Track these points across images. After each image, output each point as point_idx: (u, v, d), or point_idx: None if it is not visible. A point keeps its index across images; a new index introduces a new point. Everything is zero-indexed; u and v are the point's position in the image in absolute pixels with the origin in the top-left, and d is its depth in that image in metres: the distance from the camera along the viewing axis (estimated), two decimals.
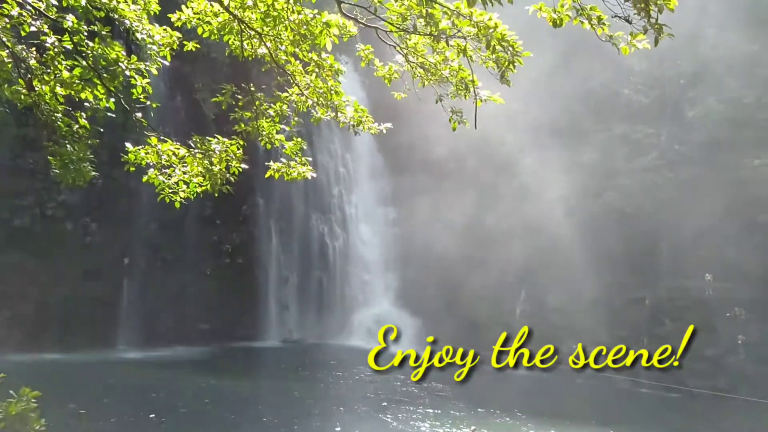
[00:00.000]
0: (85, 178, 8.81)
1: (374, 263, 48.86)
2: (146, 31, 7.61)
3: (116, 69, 7.14)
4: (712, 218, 34.27)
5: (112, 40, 7.61)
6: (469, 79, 7.01)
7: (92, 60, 7.20)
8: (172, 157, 7.37)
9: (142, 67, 7.47)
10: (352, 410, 24.89)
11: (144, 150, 7.46)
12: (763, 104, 35.51)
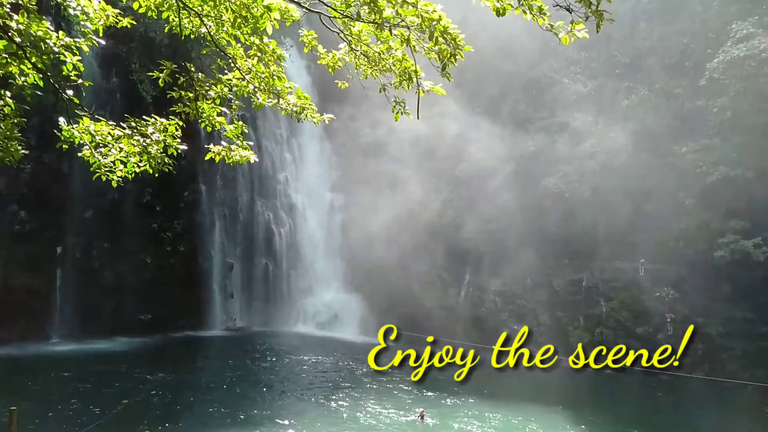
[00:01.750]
0: (15, 157, 8.34)
1: (321, 250, 48.70)
2: (80, 8, 7.20)
3: (43, 45, 6.73)
4: (644, 203, 36.07)
5: (39, 15, 7.17)
6: (412, 69, 7.06)
7: (17, 35, 6.76)
8: (107, 137, 7.04)
9: (72, 44, 7.05)
10: (299, 397, 24.86)
11: (78, 129, 7.07)
12: (691, 95, 37.45)
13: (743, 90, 33.26)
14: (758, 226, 32.60)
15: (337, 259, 48.26)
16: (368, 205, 44.40)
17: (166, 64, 7.35)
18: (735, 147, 33.62)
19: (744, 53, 32.73)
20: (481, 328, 40.52)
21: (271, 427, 20.05)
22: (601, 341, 36.93)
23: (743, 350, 33.34)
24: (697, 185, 34.96)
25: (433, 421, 21.55)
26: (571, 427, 22.35)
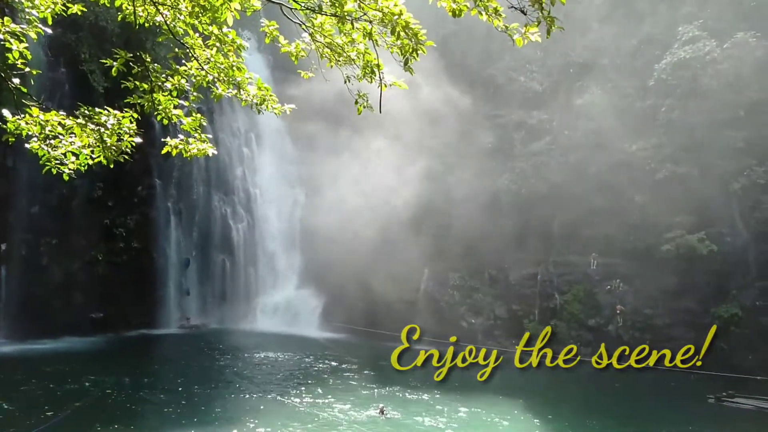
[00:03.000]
0: None
1: (281, 245, 48.21)
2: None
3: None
4: (596, 199, 37.20)
5: None
6: (374, 62, 7.06)
7: None
8: (57, 127, 6.74)
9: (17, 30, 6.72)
10: (257, 395, 24.55)
11: (24, 119, 6.74)
12: (640, 94, 38.81)
13: (689, 90, 34.69)
14: (702, 221, 34.14)
15: (297, 255, 47.91)
16: (329, 200, 44.20)
17: (120, 53, 7.10)
18: (681, 145, 35.05)
19: (690, 55, 34.13)
20: (440, 322, 41.02)
21: (230, 426, 19.75)
22: (556, 334, 38.02)
23: (686, 340, 34.78)
24: (647, 182, 36.30)
25: (394, 415, 21.69)
26: (527, 416, 22.91)
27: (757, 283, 33.29)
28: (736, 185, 33.68)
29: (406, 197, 40.04)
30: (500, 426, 21.28)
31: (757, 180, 33.08)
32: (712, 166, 34.32)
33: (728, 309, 33.27)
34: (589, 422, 22.74)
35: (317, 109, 39.02)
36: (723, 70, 33.70)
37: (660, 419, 24.26)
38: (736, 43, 33.70)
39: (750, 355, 32.43)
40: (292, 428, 19.65)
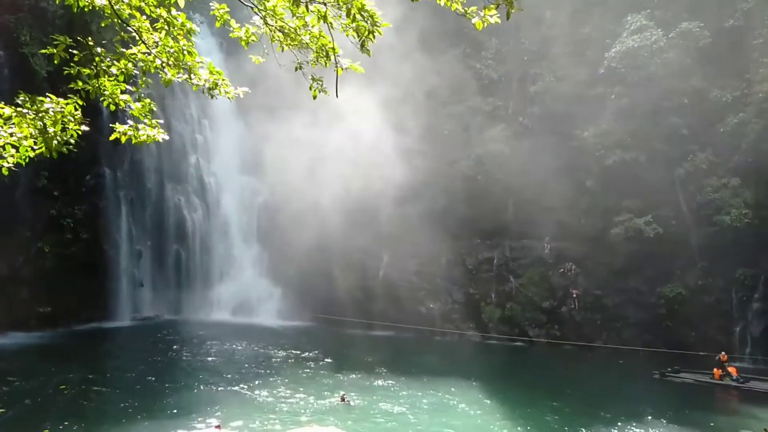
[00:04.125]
0: None
1: (237, 234, 47.43)
2: None
3: None
4: (549, 184, 38.12)
5: None
6: (329, 46, 6.95)
7: None
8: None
9: None
10: (216, 387, 24.22)
11: None
12: (592, 82, 39.78)
13: (637, 78, 35.79)
14: (649, 205, 35.48)
15: (254, 244, 47.27)
16: (286, 187, 43.69)
17: (60, 39, 6.76)
18: (630, 132, 36.20)
19: (638, 44, 35.15)
20: (399, 307, 41.40)
21: (187, 419, 19.44)
22: (511, 316, 39.03)
23: (635, 318, 36.40)
24: (597, 167, 37.40)
25: (355, 402, 21.81)
26: (485, 398, 23.44)
27: (699, 263, 34.94)
28: (681, 170, 35.12)
29: (363, 185, 39.98)
30: (459, 408, 21.73)
31: (699, 165, 34.57)
32: (658, 152, 35.64)
33: (673, 288, 34.83)
34: (543, 400, 23.46)
35: (274, 94, 38.39)
36: (669, 58, 34.88)
37: (608, 395, 25.28)
38: (681, 33, 34.90)
39: (693, 332, 34.14)
40: (252, 419, 19.50)
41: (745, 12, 34.68)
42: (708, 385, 27.45)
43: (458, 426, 19.50)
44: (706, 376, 28.08)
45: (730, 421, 21.28)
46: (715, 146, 34.84)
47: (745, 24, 34.57)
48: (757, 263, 32.73)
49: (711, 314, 33.99)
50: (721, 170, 34.36)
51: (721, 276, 34.09)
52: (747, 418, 21.77)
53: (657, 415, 21.12)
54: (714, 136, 34.93)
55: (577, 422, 20.11)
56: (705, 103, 35.15)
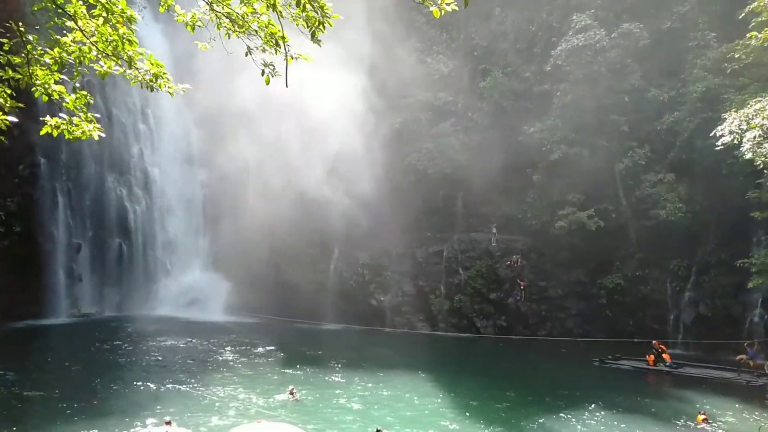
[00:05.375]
0: None
1: (182, 227, 46.14)
2: None
3: None
4: (497, 178, 38.90)
5: None
6: (279, 34, 6.78)
7: None
8: None
9: None
10: (161, 385, 23.48)
11: None
12: (538, 78, 40.77)
13: (581, 76, 36.90)
14: (591, 199, 36.75)
15: (200, 237, 46.14)
16: (234, 179, 42.80)
17: None
18: (573, 128, 37.32)
19: (582, 43, 36.21)
20: (349, 301, 41.41)
21: (130, 419, 18.78)
22: (460, 308, 39.72)
23: (577, 309, 37.75)
24: (543, 162, 38.40)
25: (304, 396, 21.68)
26: (435, 389, 23.78)
27: (637, 255, 36.53)
28: (621, 165, 36.52)
29: (314, 178, 39.65)
30: (409, 400, 21.96)
31: (638, 161, 36.03)
32: (599, 148, 36.92)
33: (613, 279, 36.29)
34: (491, 389, 24.03)
35: (221, 84, 37.42)
36: (611, 57, 36.12)
37: (552, 382, 26.14)
38: (622, 33, 36.17)
39: (630, 321, 35.72)
40: (199, 417, 19.07)
41: (682, 15, 36.28)
42: (643, 370, 28.81)
43: (409, 418, 19.71)
44: (642, 362, 29.46)
45: (663, 404, 22.41)
46: (652, 143, 36.40)
47: (681, 26, 36.17)
48: (689, 255, 34.51)
49: (647, 304, 35.66)
50: (658, 166, 35.95)
51: (657, 267, 35.77)
52: (679, 400, 23.00)
53: (597, 400, 22.01)
54: (651, 133, 36.49)
55: (524, 410, 20.71)
56: (644, 101, 36.65)
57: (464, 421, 19.42)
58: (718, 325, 32.00)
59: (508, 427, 18.67)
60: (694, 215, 33.69)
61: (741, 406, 21.82)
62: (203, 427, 18.12)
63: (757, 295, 29.92)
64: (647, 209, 35.31)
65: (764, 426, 18.02)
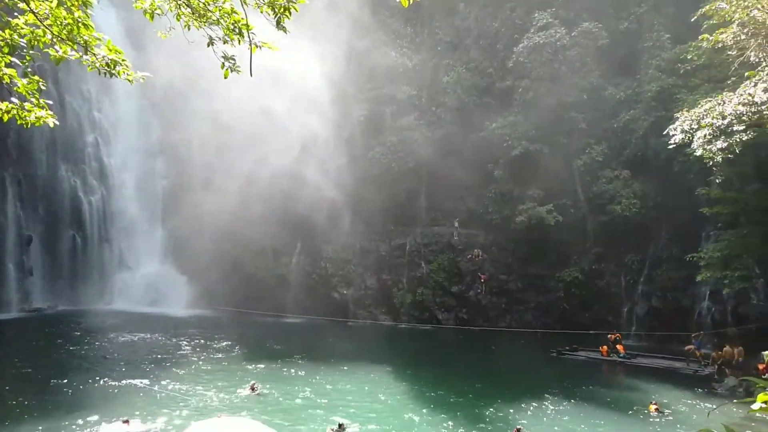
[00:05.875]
0: None
1: (140, 219, 44.95)
2: None
3: None
4: (460, 172, 39.30)
5: None
6: (242, 23, 6.64)
7: None
8: None
9: None
10: (118, 382, 22.87)
11: None
12: (501, 75, 41.31)
13: (542, 73, 37.58)
14: (550, 194, 37.56)
15: (160, 229, 45.08)
16: (194, 171, 41.94)
17: None
18: (534, 124, 38.03)
19: (543, 40, 36.88)
20: (312, 294, 41.22)
21: (88, 418, 18.22)
22: (422, 300, 40.07)
23: (536, 302, 38.60)
24: (504, 157, 38.99)
25: (266, 391, 21.49)
26: (398, 382, 23.93)
27: (594, 249, 37.57)
28: (579, 162, 37.43)
29: (277, 170, 39.20)
30: (372, 393, 22.04)
31: (596, 157, 37.00)
32: (559, 144, 37.74)
33: (570, 273, 37.23)
34: (453, 381, 24.34)
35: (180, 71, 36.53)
36: (570, 56, 36.91)
37: (511, 373, 26.74)
38: (582, 32, 37.00)
39: (586, 313, 36.73)
40: (156, 415, 18.67)
41: (638, 16, 37.35)
42: (598, 361, 29.72)
43: (372, 410, 19.80)
44: (598, 353, 30.38)
45: (617, 393, 23.19)
46: (609, 140, 37.43)
47: (638, 27, 37.24)
48: (643, 249, 35.71)
49: (603, 296, 36.74)
50: (614, 163, 37.01)
51: (612, 261, 36.87)
52: (632, 390, 23.84)
53: (554, 390, 22.61)
54: (608, 130, 37.52)
55: (485, 400, 21.08)
56: (601, 99, 37.62)
57: (427, 412, 19.65)
58: (669, 317, 33.26)
59: (470, 417, 18.98)
60: (648, 211, 34.86)
61: (689, 395, 22.78)
62: (161, 424, 17.76)
63: (705, 288, 31.19)
64: (604, 205, 36.32)
65: (712, 412, 18.85)
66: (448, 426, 18.20)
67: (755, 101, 20.27)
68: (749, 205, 27.18)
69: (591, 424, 18.64)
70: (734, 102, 20.80)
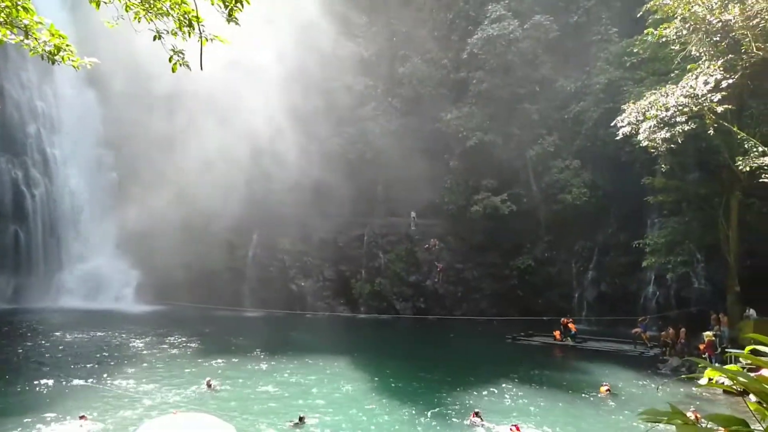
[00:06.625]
0: None
1: (87, 213, 43.33)
2: None
3: None
4: (416, 163, 39.56)
5: None
6: (192, 14, 6.48)
7: None
8: None
9: None
10: (67, 382, 22.06)
11: None
12: (455, 66, 41.69)
13: (495, 65, 38.15)
14: (504, 184, 38.32)
15: (109, 223, 43.55)
16: (146, 162, 40.68)
17: None
18: (488, 115, 38.63)
19: (497, 32, 37.41)
20: (269, 287, 40.80)
21: (35, 419, 17.51)
22: (380, 291, 40.28)
23: (491, 290, 39.41)
24: (459, 148, 39.50)
25: (223, 387, 21.18)
26: (357, 372, 24.02)
27: (546, 237, 38.61)
28: (531, 152, 38.29)
29: (231, 160, 38.46)
30: (332, 384, 22.06)
31: (547, 148, 37.93)
32: (512, 135, 38.48)
33: (524, 261, 38.17)
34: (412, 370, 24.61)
35: (128, 60, 35.25)
36: (523, 48, 37.59)
37: (468, 360, 27.22)
38: (533, 24, 37.72)
39: (539, 300, 37.78)
40: (108, 413, 18.14)
41: (587, 10, 38.35)
42: (552, 345, 30.65)
43: (333, 401, 19.82)
44: (551, 338, 31.32)
45: (570, 376, 23.99)
46: (560, 131, 38.42)
47: (587, 20, 38.24)
48: (592, 237, 36.94)
49: (555, 283, 37.86)
50: (565, 153, 38.03)
51: (563, 249, 37.99)
52: (584, 373, 24.69)
53: (510, 375, 23.17)
54: (560, 121, 38.50)
55: (444, 387, 21.41)
56: (553, 91, 38.52)
57: (388, 401, 19.82)
58: (617, 301, 34.60)
59: (430, 404, 19.26)
60: (597, 200, 36.03)
61: (637, 376, 23.78)
62: (114, 423, 17.29)
63: (650, 273, 32.58)
64: (555, 194, 37.31)
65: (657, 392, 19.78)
66: (409, 413, 18.43)
67: (696, 93, 21.23)
68: (690, 193, 28.48)
69: (546, 407, 19.24)
70: (677, 94, 21.71)
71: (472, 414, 17.33)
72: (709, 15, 21.31)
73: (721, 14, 20.92)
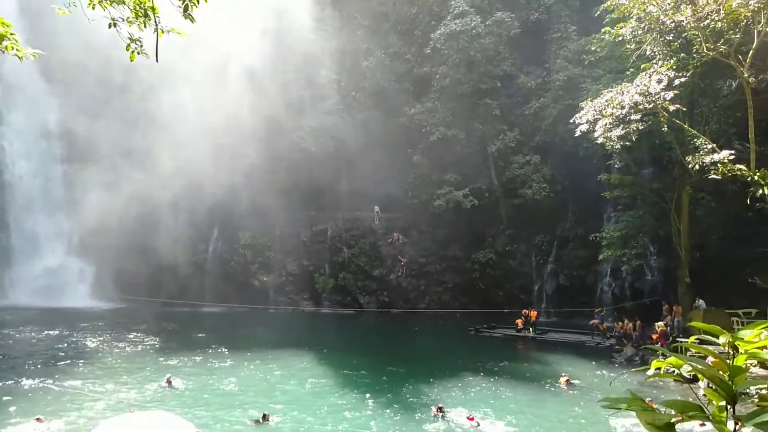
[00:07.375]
0: None
1: (39, 206, 41.71)
2: None
3: None
4: (379, 157, 39.60)
5: None
6: (149, 5, 6.29)
7: None
8: None
9: None
10: (17, 383, 21.27)
11: None
12: (419, 61, 41.81)
13: (458, 60, 38.45)
14: (466, 179, 38.75)
15: (61, 217, 42.06)
16: (99, 155, 39.42)
17: None
18: (451, 110, 38.94)
19: (460, 28, 37.67)
20: (230, 282, 40.23)
21: None
22: (344, 285, 40.23)
23: (454, 283, 39.89)
24: (423, 142, 39.72)
25: (183, 384, 20.79)
26: (321, 367, 23.96)
27: (507, 231, 39.28)
28: (493, 147, 38.82)
29: (191, 154, 37.63)
30: (295, 380, 21.94)
31: (509, 143, 38.53)
32: (474, 130, 38.92)
33: (485, 254, 38.75)
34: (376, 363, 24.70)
35: (83, 51, 34.03)
36: (485, 44, 37.98)
37: (431, 352, 27.53)
38: (495, 21, 38.15)
39: (500, 292, 38.45)
40: (63, 414, 17.58)
41: (547, 7, 39.03)
42: (513, 337, 31.27)
43: (297, 397, 19.71)
44: (512, 329, 31.95)
45: (531, 367, 24.55)
46: (521, 126, 39.07)
47: (547, 18, 38.92)
48: (551, 230, 37.79)
49: (515, 276, 38.60)
50: (526, 148, 38.72)
51: (523, 242, 38.75)
52: (544, 364, 25.30)
53: (473, 367, 23.55)
54: (520, 117, 39.14)
55: (408, 381, 21.56)
56: (514, 87, 39.12)
57: (353, 396, 19.84)
58: (575, 293, 35.53)
59: (395, 397, 19.38)
60: (556, 194, 36.85)
61: (594, 365, 24.52)
62: (70, 424, 16.77)
63: (606, 266, 33.56)
64: (516, 188, 37.97)
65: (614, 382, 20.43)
66: (374, 407, 18.50)
67: (650, 92, 21.89)
68: (644, 187, 29.45)
69: (509, 398, 19.63)
70: (632, 92, 22.34)
71: (436, 408, 17.55)
72: (663, 15, 21.99)
73: (674, 15, 21.60)
